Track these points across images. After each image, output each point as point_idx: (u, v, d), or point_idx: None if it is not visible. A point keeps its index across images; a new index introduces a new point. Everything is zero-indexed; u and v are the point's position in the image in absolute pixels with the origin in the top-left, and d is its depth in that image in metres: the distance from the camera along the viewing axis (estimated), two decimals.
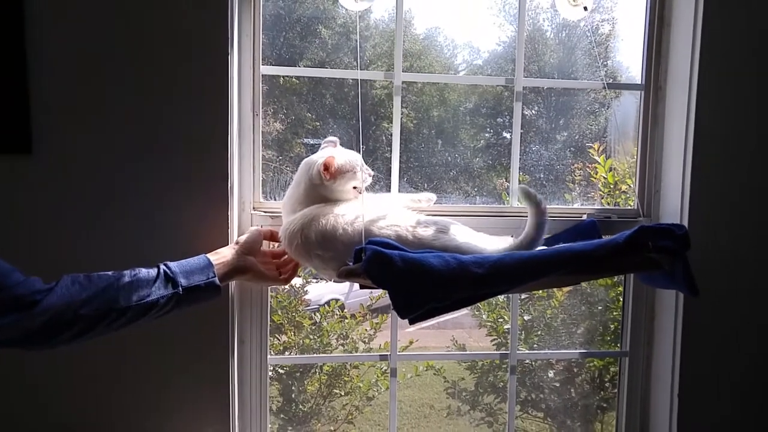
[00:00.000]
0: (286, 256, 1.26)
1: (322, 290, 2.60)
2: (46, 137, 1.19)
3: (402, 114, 1.43)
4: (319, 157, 1.22)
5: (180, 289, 1.04)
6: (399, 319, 1.45)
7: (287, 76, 1.88)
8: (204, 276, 1.09)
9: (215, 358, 1.27)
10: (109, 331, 0.98)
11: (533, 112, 2.23)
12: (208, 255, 1.13)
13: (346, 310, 2.15)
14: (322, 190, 1.21)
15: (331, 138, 1.29)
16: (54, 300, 0.91)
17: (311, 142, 1.98)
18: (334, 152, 1.23)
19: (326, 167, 1.19)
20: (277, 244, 1.27)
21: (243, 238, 1.22)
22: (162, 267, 1.05)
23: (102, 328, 0.96)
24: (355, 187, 1.23)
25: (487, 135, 2.45)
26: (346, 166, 1.21)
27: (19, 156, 1.18)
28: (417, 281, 1.03)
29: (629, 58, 1.90)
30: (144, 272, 1.02)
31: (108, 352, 1.22)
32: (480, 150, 2.34)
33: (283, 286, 1.95)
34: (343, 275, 1.12)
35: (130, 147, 1.21)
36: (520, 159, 1.48)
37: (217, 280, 1.10)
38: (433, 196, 1.35)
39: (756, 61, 1.40)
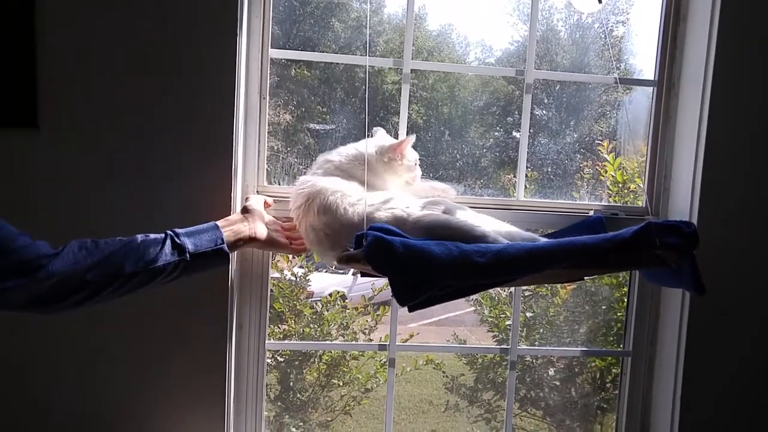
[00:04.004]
0: (297, 231, 1.23)
1: (326, 282, 2.59)
2: (52, 112, 1.19)
3: (412, 110, 1.42)
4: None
5: (187, 255, 1.02)
6: (399, 310, 1.45)
7: (299, 67, 1.88)
8: (212, 242, 1.06)
9: (212, 341, 1.26)
10: (115, 296, 0.97)
11: (543, 111, 2.22)
12: (218, 222, 1.11)
13: (348, 300, 2.14)
14: (373, 165, 1.23)
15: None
16: (60, 264, 0.90)
17: (317, 128, 1.98)
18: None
19: (397, 146, 1.24)
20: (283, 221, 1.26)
21: (250, 204, 1.19)
22: (170, 233, 1.03)
23: (109, 293, 0.95)
24: (407, 183, 1.28)
25: (497, 134, 2.44)
26: (411, 157, 1.27)
27: (26, 130, 1.18)
28: (418, 268, 1.01)
29: (642, 61, 1.88)
30: (151, 238, 1.01)
31: (103, 330, 1.22)
32: (489, 148, 2.33)
33: (296, 255, 1.88)
34: (344, 261, 1.10)
35: (135, 124, 1.21)
36: (528, 156, 1.46)
37: (225, 246, 1.08)
38: (450, 189, 1.34)
39: None
